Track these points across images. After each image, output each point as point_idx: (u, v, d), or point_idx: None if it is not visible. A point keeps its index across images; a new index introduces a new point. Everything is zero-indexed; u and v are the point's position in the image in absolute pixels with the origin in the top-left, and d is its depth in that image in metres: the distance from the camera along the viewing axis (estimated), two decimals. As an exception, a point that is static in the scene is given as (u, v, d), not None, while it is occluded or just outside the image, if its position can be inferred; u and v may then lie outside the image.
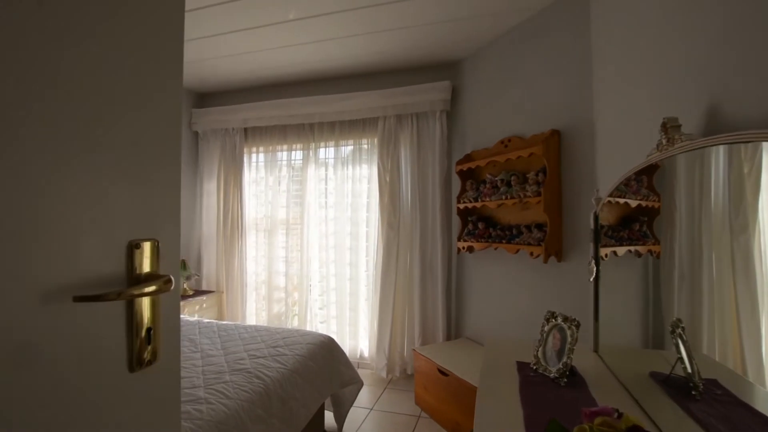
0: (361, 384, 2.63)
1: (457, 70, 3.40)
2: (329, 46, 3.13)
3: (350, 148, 3.79)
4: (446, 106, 3.36)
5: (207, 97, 4.26)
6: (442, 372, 2.70)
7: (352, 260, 3.74)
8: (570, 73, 2.41)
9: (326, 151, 3.84)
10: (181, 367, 0.82)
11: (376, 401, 3.10)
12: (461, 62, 3.38)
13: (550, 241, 2.39)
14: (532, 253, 2.51)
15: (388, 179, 3.52)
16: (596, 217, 1.61)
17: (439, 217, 3.36)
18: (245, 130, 4.03)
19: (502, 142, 2.84)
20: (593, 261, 1.62)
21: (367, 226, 3.73)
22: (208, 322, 2.91)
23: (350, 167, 3.77)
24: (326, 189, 3.84)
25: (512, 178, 2.71)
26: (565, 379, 1.33)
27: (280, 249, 4.00)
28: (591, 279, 1.63)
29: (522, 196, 2.55)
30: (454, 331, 3.42)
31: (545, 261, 2.40)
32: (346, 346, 3.59)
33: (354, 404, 2.67)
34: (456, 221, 3.27)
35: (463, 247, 3.09)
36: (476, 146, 3.16)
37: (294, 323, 3.95)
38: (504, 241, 2.74)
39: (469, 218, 3.12)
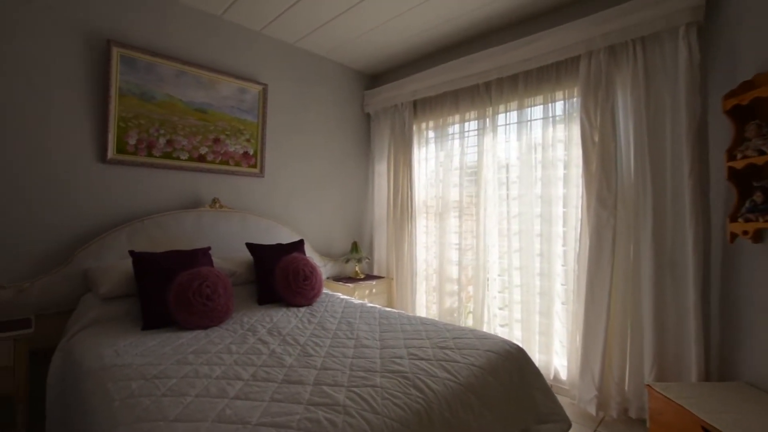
0: (567, 425, 1.76)
1: (719, -41, 2.13)
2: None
3: (539, 107, 2.89)
4: (697, 17, 2.13)
5: (378, 78, 4.01)
6: None
7: (543, 250, 2.83)
8: None
9: (507, 116, 3.04)
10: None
11: (584, 447, 2.14)
12: (728, -55, 2.10)
13: None
14: None
15: (596, 139, 2.50)
16: None
17: (687, 186, 2.15)
18: (414, 104, 3.58)
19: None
20: None
21: (565, 206, 2.76)
22: (370, 307, 2.52)
23: (539, 131, 2.86)
24: (507, 161, 3.03)
25: None
26: None
27: (452, 235, 3.39)
28: None
29: None
30: (717, 366, 2.13)
31: None
32: (535, 361, 2.69)
33: (553, 448, 1.82)
34: (720, 190, 2.03)
35: (742, 232, 1.85)
36: (763, 67, 1.87)
37: (468, 322, 3.28)
38: None
39: (755, 183, 1.86)
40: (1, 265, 2.08)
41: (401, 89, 3.56)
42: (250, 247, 2.70)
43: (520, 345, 2.01)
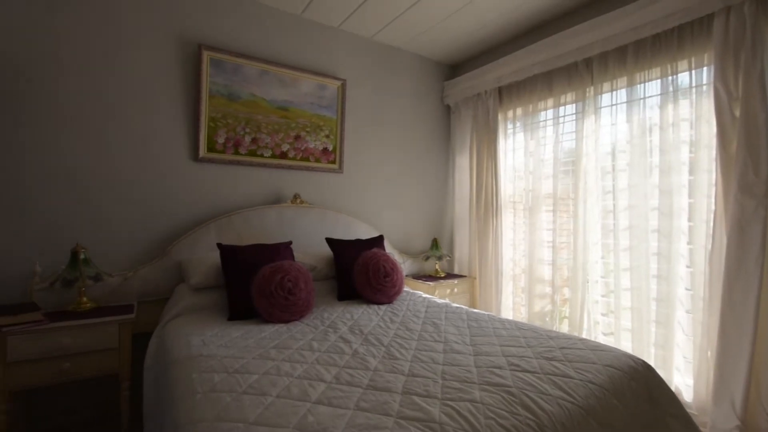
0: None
1: None
2: None
3: (655, 82, 2.41)
4: None
5: (458, 67, 3.75)
6: None
7: (662, 248, 2.35)
8: None
9: (613, 95, 2.59)
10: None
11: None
12: None
13: None
14: None
15: (737, 113, 1.99)
16: None
17: None
18: (499, 91, 3.26)
19: None
20: None
21: (691, 197, 2.26)
22: (456, 308, 2.27)
23: (656, 110, 2.39)
24: (614, 147, 2.59)
25: None
26: None
27: (544, 232, 3.00)
28: None
29: None
30: None
31: None
32: (655, 378, 2.23)
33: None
34: None
35: None
36: None
37: (562, 328, 2.87)
38: None
39: None
40: (110, 255, 2.22)
41: (484, 76, 3.27)
42: (330, 242, 2.62)
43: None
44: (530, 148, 3.09)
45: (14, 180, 2.02)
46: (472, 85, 3.39)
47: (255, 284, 1.98)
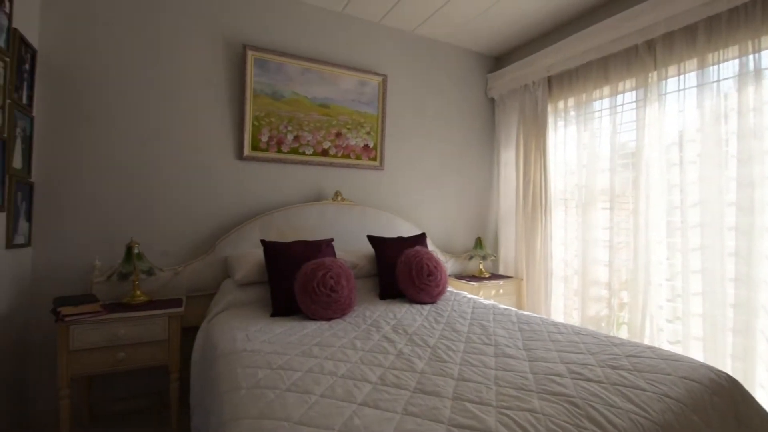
0: None
1: None
2: None
3: (732, 62, 2.15)
4: None
5: (502, 59, 3.59)
6: None
7: (740, 248, 2.08)
8: None
9: (681, 80, 2.33)
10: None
11: None
12: None
13: None
14: None
15: (838, 92, 1.72)
16: None
17: None
18: (549, 80, 3.07)
19: None
20: None
21: (777, 189, 1.98)
22: (504, 309, 2.14)
23: (733, 94, 2.13)
24: (681, 137, 2.34)
25: None
26: None
27: (599, 230, 2.78)
28: None
29: None
30: None
31: None
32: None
33: None
34: None
35: None
36: None
37: (621, 334, 2.63)
38: None
39: None
40: (161, 251, 2.29)
41: (532, 66, 3.09)
42: (372, 239, 2.56)
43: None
44: (583, 140, 2.88)
45: (77, 179, 2.14)
46: (519, 75, 3.22)
47: (297, 281, 1.96)
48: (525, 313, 2.09)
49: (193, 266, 2.31)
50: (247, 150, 2.57)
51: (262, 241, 2.17)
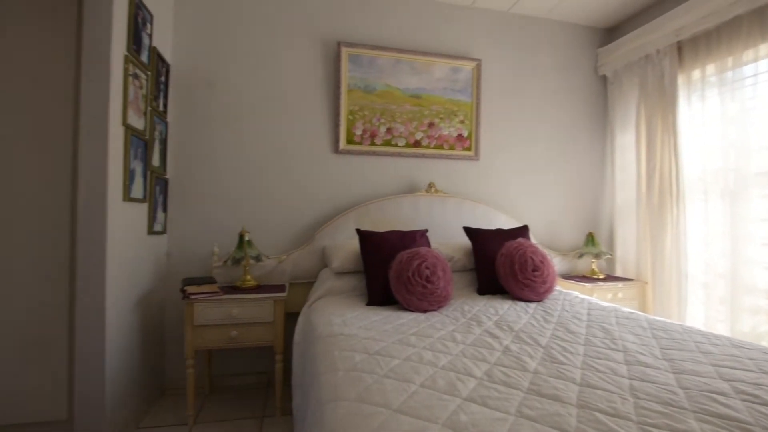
0: None
1: None
2: None
3: None
4: None
5: (615, 30, 3.12)
6: None
7: None
8: None
9: None
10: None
11: None
12: None
13: None
14: None
15: None
16: None
17: None
18: (678, 46, 2.57)
19: None
20: None
21: None
22: (630, 312, 1.81)
23: None
24: None
25: None
26: None
27: (756, 223, 2.22)
28: None
29: None
30: None
31: None
32: None
33: None
34: None
35: None
36: None
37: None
38: None
39: None
40: (267, 240, 2.45)
41: (656, 32, 2.62)
42: (468, 231, 2.40)
43: None
44: (730, 113, 2.33)
45: (200, 175, 2.39)
46: (639, 45, 2.76)
47: (392, 270, 1.91)
48: (658, 318, 1.74)
49: (295, 255, 2.41)
50: (342, 144, 2.62)
51: (358, 230, 2.17)
